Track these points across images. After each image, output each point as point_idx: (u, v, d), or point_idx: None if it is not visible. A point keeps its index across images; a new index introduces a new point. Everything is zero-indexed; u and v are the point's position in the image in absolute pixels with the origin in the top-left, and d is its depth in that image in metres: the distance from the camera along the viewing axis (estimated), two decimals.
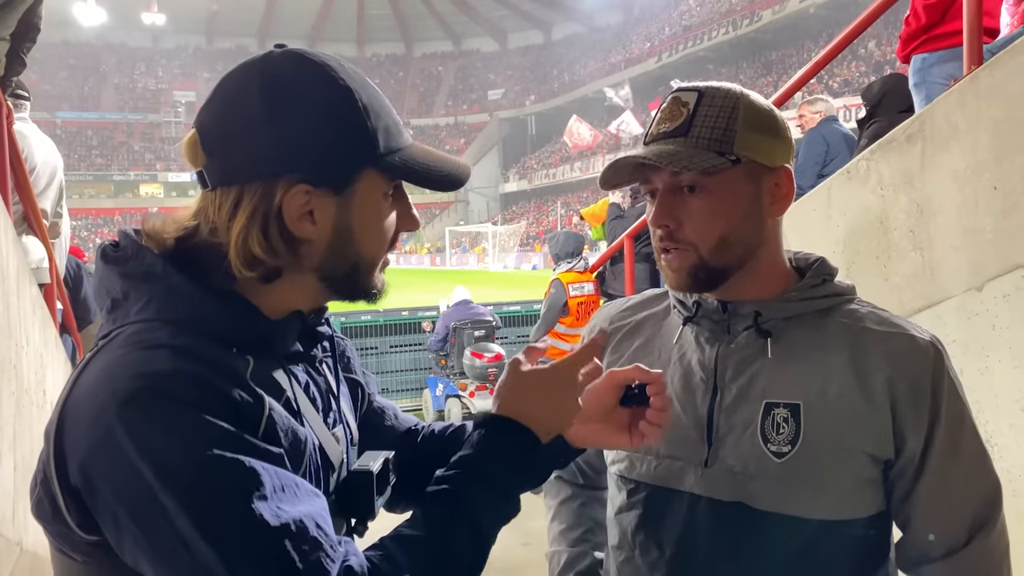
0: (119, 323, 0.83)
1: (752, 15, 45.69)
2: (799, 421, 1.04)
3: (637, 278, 5.67)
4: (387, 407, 1.17)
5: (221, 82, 0.86)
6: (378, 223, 0.89)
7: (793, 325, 1.09)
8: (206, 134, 0.84)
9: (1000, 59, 2.22)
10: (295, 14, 66.63)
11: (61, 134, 59.24)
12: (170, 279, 0.82)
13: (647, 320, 1.24)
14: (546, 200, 58.21)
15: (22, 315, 2.53)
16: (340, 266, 0.88)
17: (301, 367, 0.93)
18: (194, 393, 0.74)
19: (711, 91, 1.07)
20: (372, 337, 8.96)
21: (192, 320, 0.81)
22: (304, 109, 0.82)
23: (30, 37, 3.17)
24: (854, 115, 20.49)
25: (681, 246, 1.06)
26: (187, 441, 0.72)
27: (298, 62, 0.85)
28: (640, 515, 1.14)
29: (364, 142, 0.85)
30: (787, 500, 1.03)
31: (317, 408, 0.93)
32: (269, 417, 0.79)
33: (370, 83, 0.88)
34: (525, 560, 4.22)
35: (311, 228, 0.85)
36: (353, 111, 0.84)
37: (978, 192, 2.25)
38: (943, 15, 3.42)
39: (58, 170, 3.60)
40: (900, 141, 2.56)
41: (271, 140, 0.82)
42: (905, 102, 3.88)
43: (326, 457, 0.91)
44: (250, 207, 0.82)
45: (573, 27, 69.21)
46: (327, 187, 0.84)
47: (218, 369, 0.77)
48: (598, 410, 1.03)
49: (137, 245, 0.85)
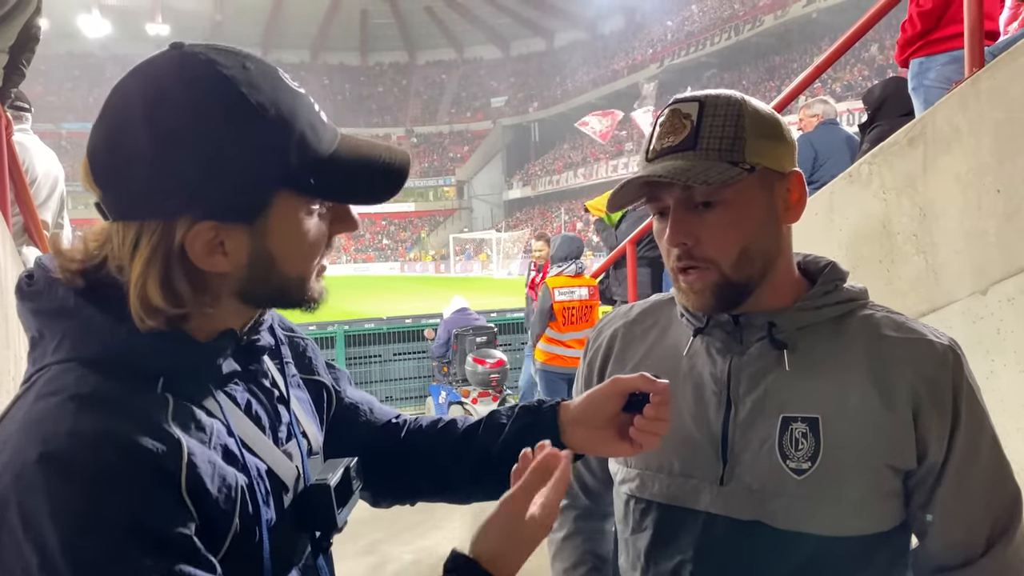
0: (37, 365, 0.76)
1: (754, 20, 45.74)
2: (818, 436, 1.00)
3: (640, 283, 5.65)
4: (361, 401, 1.11)
5: (106, 101, 0.76)
6: (301, 242, 0.80)
7: (808, 335, 1.05)
8: (96, 164, 0.76)
9: (1001, 61, 2.21)
10: (298, 23, 66.95)
11: (66, 145, 59.43)
12: (82, 313, 0.75)
13: (653, 328, 1.19)
14: (550, 207, 58.27)
15: (19, 327, 2.52)
16: (262, 289, 0.81)
17: (241, 386, 0.86)
18: (92, 461, 0.67)
19: (712, 100, 1.02)
20: (376, 345, 8.96)
21: (109, 357, 0.74)
22: (198, 135, 0.72)
23: (29, 48, 3.18)
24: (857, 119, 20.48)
25: (700, 264, 1.02)
26: (74, 525, 0.66)
27: (185, 73, 0.74)
28: (653, 535, 1.09)
29: (274, 162, 0.75)
30: (809, 518, 0.99)
31: (264, 427, 0.87)
32: (189, 463, 0.72)
33: (284, 81, 0.78)
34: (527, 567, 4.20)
35: (223, 261, 0.77)
36: (257, 128, 0.74)
37: (981, 195, 2.24)
38: (938, 21, 3.43)
39: (59, 181, 3.60)
40: (902, 144, 2.54)
41: (163, 175, 0.72)
42: (906, 106, 3.86)
43: (276, 479, 0.85)
44: (148, 248, 0.74)
45: (575, 34, 69.41)
46: (235, 220, 0.75)
47: (129, 418, 0.71)
48: (601, 416, 1.00)
49: (49, 279, 0.78)
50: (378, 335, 9.11)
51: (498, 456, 1.01)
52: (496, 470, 1.00)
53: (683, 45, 51.72)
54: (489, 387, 7.57)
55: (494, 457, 1.01)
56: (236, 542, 0.78)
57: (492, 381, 7.55)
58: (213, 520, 0.75)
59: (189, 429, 0.75)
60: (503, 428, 1.03)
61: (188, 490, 0.72)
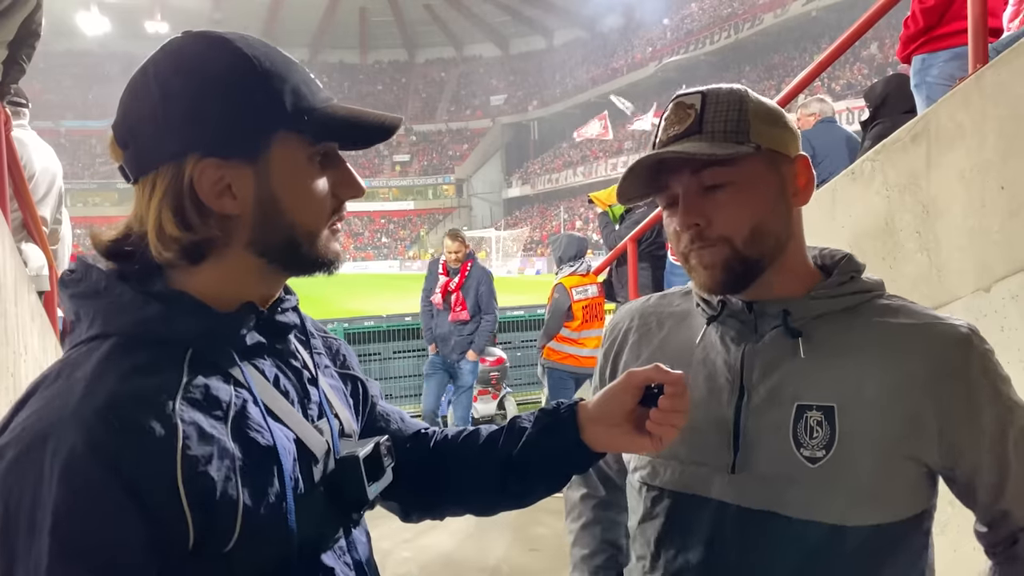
0: (72, 344, 0.82)
1: (754, 18, 45.75)
2: (834, 424, 0.98)
3: (640, 284, 5.63)
4: (392, 411, 1.14)
5: (129, 80, 0.85)
6: (306, 189, 0.86)
7: (823, 323, 1.04)
8: (118, 128, 0.84)
9: (1005, 58, 2.20)
10: (298, 21, 66.91)
11: (65, 143, 59.46)
12: (113, 292, 0.82)
13: (668, 318, 1.19)
14: (549, 205, 58.27)
15: (20, 323, 2.52)
16: (273, 238, 0.85)
17: (269, 361, 0.90)
18: (85, 442, 0.71)
19: (714, 91, 1.05)
20: (375, 343, 8.94)
21: (133, 328, 0.80)
22: (200, 82, 0.81)
23: (29, 43, 3.17)
24: (856, 117, 20.50)
25: (711, 243, 1.02)
26: (67, 502, 0.70)
27: (194, 41, 0.84)
28: (664, 523, 1.09)
29: (268, 105, 0.83)
30: (822, 508, 0.98)
31: (292, 400, 0.90)
32: (184, 447, 0.75)
33: (278, 51, 0.87)
34: (532, 565, 4.20)
35: (232, 202, 0.83)
36: (253, 77, 0.82)
37: (984, 192, 2.23)
38: (940, 18, 3.44)
39: (57, 177, 3.59)
40: (905, 141, 2.53)
41: (169, 119, 0.81)
42: (908, 103, 3.86)
43: (305, 448, 0.88)
44: (162, 189, 0.81)
45: (575, 32, 69.39)
46: (238, 157, 0.82)
47: (130, 399, 0.74)
48: (618, 412, 0.99)
49: (86, 265, 0.85)
50: (378, 333, 9.09)
51: (520, 460, 1.02)
52: (519, 474, 1.02)
53: (682, 43, 51.70)
54: (488, 385, 7.57)
55: (517, 461, 1.02)
56: (250, 517, 0.79)
57: (492, 379, 7.55)
58: (214, 503, 0.77)
59: (201, 407, 0.79)
60: (524, 432, 1.04)
61: (183, 474, 0.74)
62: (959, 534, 2.36)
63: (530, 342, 8.72)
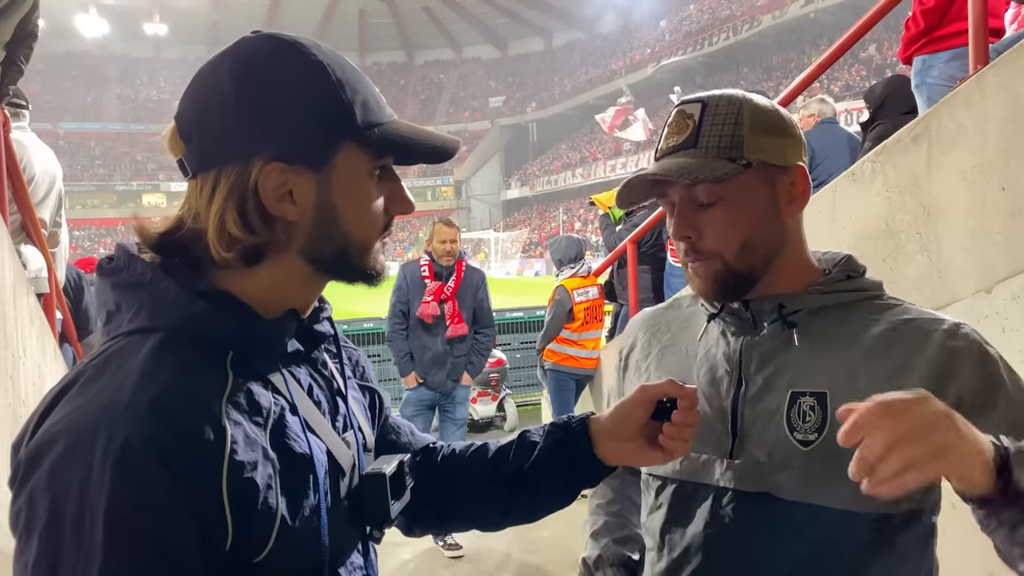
0: (112, 334, 0.81)
1: (752, 20, 45.76)
2: (825, 408, 1.02)
3: (641, 286, 5.63)
4: (403, 425, 1.15)
5: (197, 72, 0.85)
6: (364, 202, 0.86)
7: (818, 317, 1.08)
8: (182, 121, 0.83)
9: (1006, 58, 2.19)
10: (296, 23, 66.89)
11: (64, 145, 59.40)
12: (159, 285, 0.80)
13: (675, 319, 1.26)
14: (548, 207, 58.27)
15: (19, 325, 2.51)
16: (326, 248, 0.85)
17: (304, 369, 0.90)
18: (142, 437, 0.70)
19: (714, 100, 1.08)
20: (375, 345, 8.92)
21: (180, 325, 0.79)
22: (274, 85, 0.81)
23: (27, 44, 3.16)
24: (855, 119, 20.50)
25: (703, 257, 1.07)
26: (114, 500, 0.69)
27: (268, 42, 0.83)
28: (668, 512, 1.13)
29: (339, 115, 0.83)
30: (813, 490, 1.00)
31: (323, 412, 0.90)
32: (232, 451, 0.75)
33: (347, 61, 0.87)
34: (532, 568, 4.19)
35: (292, 208, 0.82)
36: (326, 85, 0.82)
37: (986, 193, 2.22)
38: (941, 18, 3.45)
39: (57, 179, 3.59)
40: (906, 142, 2.53)
41: (242, 119, 0.80)
42: (908, 104, 3.86)
43: (335, 462, 0.88)
44: (226, 188, 0.81)
45: (573, 34, 69.45)
46: (303, 164, 0.82)
47: (183, 396, 0.74)
48: (631, 426, 1.01)
49: (129, 255, 0.84)
50: (377, 335, 9.07)
51: (531, 473, 1.02)
52: (531, 488, 1.03)
53: (681, 45, 51.73)
54: (488, 387, 7.57)
55: (527, 475, 1.03)
56: (285, 528, 0.79)
57: (491, 380, 7.55)
58: (255, 510, 0.76)
59: (244, 412, 0.78)
60: (535, 446, 1.04)
61: (228, 478, 0.74)
62: (960, 539, 2.36)
63: (529, 344, 8.71)
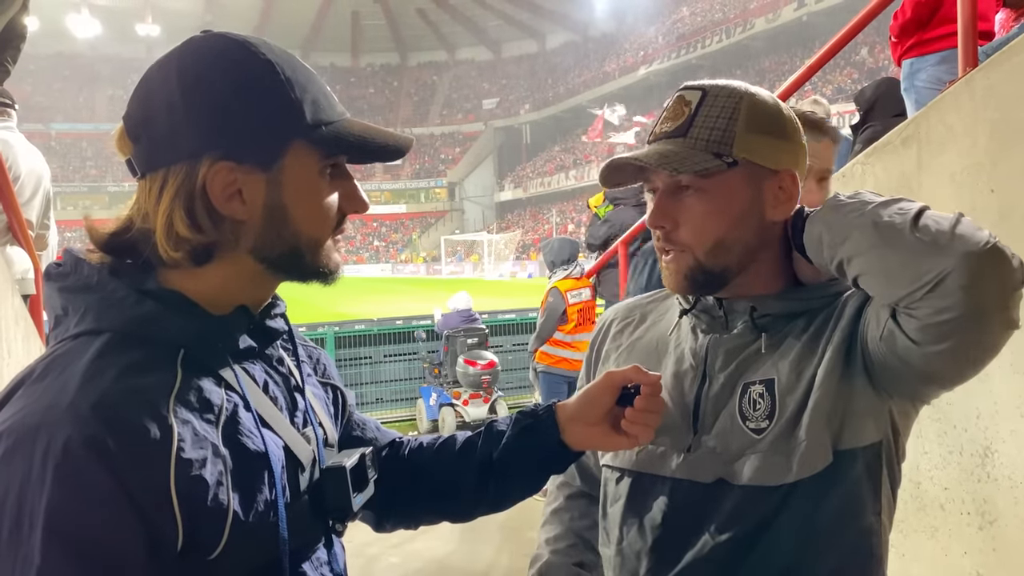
0: (58, 339, 0.81)
1: (745, 23, 45.97)
2: (774, 395, 1.04)
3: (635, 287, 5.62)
4: (368, 421, 1.15)
5: (146, 71, 0.84)
6: (314, 201, 0.85)
7: (788, 321, 1.08)
8: (130, 120, 0.83)
9: (996, 60, 2.20)
10: (289, 24, 66.76)
11: (55, 145, 59.22)
12: (106, 287, 0.80)
13: (651, 312, 1.26)
14: (541, 209, 58.34)
15: (4, 326, 2.49)
16: (277, 246, 0.84)
17: (259, 366, 0.90)
18: (85, 435, 0.70)
19: (715, 90, 1.06)
20: (366, 347, 8.91)
21: (127, 325, 0.79)
22: (221, 84, 0.80)
23: (14, 45, 3.14)
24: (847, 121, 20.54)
25: (677, 248, 1.06)
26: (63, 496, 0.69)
27: (217, 41, 0.83)
28: (625, 504, 1.13)
29: (287, 114, 0.82)
30: (767, 473, 1.01)
31: (280, 407, 0.90)
32: (179, 449, 0.74)
33: (298, 60, 0.86)
34: (522, 570, 4.18)
35: (241, 207, 0.82)
36: (275, 83, 0.81)
37: (975, 195, 2.22)
38: (931, 12, 3.43)
39: (44, 180, 3.55)
40: (896, 144, 2.53)
41: (189, 118, 0.79)
42: (898, 106, 3.87)
43: (293, 456, 0.88)
44: (174, 188, 0.80)
45: (567, 36, 69.59)
46: (252, 163, 0.81)
47: (128, 396, 0.73)
48: (596, 411, 1.01)
49: (75, 259, 0.83)
50: (369, 336, 9.06)
51: (501, 462, 1.02)
52: (500, 476, 1.02)
53: (674, 47, 51.88)
54: (480, 389, 7.56)
55: (497, 463, 1.03)
56: (239, 523, 0.78)
57: (483, 383, 7.53)
58: (204, 508, 0.76)
59: (194, 409, 0.78)
60: (503, 434, 1.04)
61: (176, 476, 0.73)
62: (949, 539, 2.36)
63: (521, 346, 8.71)
